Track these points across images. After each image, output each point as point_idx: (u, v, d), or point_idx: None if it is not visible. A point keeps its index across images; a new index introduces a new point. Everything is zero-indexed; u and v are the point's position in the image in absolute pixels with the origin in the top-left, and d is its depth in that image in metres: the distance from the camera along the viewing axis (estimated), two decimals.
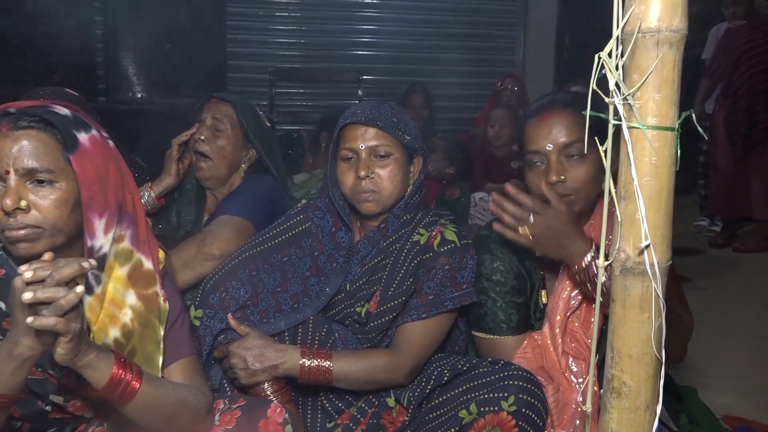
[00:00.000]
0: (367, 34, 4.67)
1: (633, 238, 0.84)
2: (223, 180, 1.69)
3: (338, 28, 4.61)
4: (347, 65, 4.57)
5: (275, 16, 4.52)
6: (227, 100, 1.67)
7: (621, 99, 0.82)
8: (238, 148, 1.67)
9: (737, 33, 3.90)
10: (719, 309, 2.95)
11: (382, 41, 4.67)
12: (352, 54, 4.62)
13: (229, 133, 1.65)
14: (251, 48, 4.48)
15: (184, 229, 1.63)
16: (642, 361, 0.87)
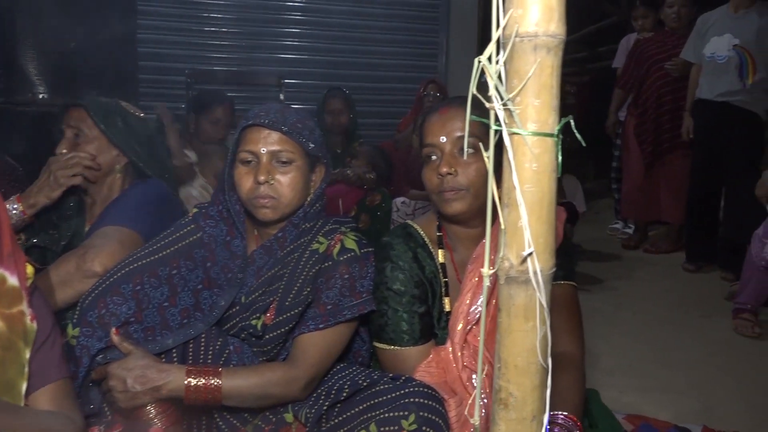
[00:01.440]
0: (289, 37, 4.59)
1: (516, 246, 0.83)
2: (99, 187, 1.57)
3: (260, 30, 4.50)
4: (269, 68, 4.47)
5: (191, 16, 4.36)
6: (80, 105, 1.55)
7: (501, 104, 0.80)
8: (104, 152, 1.56)
9: (646, 45, 4.09)
10: (629, 309, 3.06)
11: (305, 45, 4.60)
12: (274, 57, 4.53)
13: (90, 139, 1.54)
14: (166, 49, 4.30)
15: (64, 240, 1.50)
16: (528, 371, 0.85)
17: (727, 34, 3.48)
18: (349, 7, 4.60)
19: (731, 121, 3.45)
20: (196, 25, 4.39)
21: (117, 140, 1.55)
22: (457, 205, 1.26)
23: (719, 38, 3.51)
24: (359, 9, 4.65)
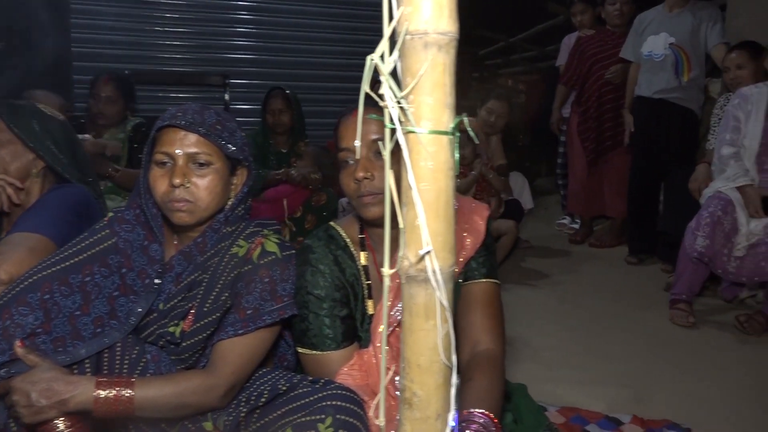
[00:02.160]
0: (235, 37, 4.52)
1: (414, 245, 0.82)
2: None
3: (204, 30, 4.43)
4: (213, 68, 4.39)
5: (130, 14, 4.25)
6: None
7: (395, 103, 0.80)
8: (19, 156, 1.51)
9: (588, 43, 4.17)
10: (572, 303, 3.12)
11: (250, 44, 4.54)
12: (218, 57, 4.46)
13: (3, 143, 1.49)
14: (101, 48, 4.18)
15: None
16: (430, 370, 0.85)
17: (663, 33, 3.58)
18: (295, 6, 4.56)
19: (668, 118, 3.55)
20: (135, 24, 4.28)
21: (32, 143, 1.49)
22: (376, 210, 1.24)
23: (656, 37, 3.61)
24: (305, 8, 4.62)
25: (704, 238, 2.72)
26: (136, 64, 4.20)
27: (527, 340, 2.60)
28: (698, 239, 2.73)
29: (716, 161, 3.00)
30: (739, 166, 2.86)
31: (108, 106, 2.95)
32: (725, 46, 3.39)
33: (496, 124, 3.91)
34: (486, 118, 3.90)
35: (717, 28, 3.50)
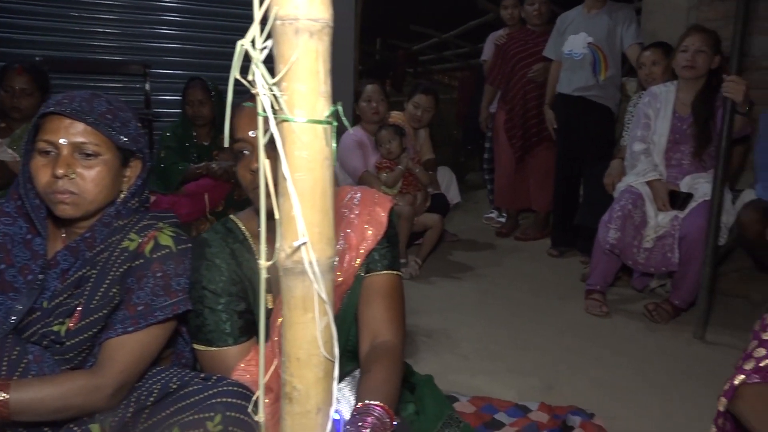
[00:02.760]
0: (157, 24, 4.35)
1: (291, 236, 0.81)
2: None
3: (123, 16, 4.24)
4: (134, 57, 4.22)
5: None
6: None
7: (266, 90, 0.77)
8: None
9: (511, 42, 4.27)
10: (494, 295, 3.18)
11: (173, 32, 4.39)
12: (139, 45, 4.28)
13: None
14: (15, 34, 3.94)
15: None
16: (309, 363, 0.83)
17: (582, 33, 3.70)
18: None
19: (587, 115, 3.68)
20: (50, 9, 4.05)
21: None
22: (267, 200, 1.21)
23: (576, 36, 3.73)
24: None
25: (616, 230, 2.83)
26: (50, 51, 3.98)
27: (448, 332, 2.63)
28: (610, 232, 2.84)
29: (628, 157, 3.13)
30: (649, 162, 2.99)
31: (23, 100, 2.79)
32: (639, 46, 3.53)
33: (423, 118, 3.94)
34: (413, 112, 3.92)
35: (632, 29, 3.64)
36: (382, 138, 3.59)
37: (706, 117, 2.90)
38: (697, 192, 2.84)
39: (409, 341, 2.51)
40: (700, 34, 2.94)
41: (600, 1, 3.67)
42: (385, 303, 1.29)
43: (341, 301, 1.31)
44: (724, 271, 3.22)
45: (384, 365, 1.19)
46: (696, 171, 2.95)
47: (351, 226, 1.33)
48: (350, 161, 3.63)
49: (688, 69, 2.91)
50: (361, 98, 3.73)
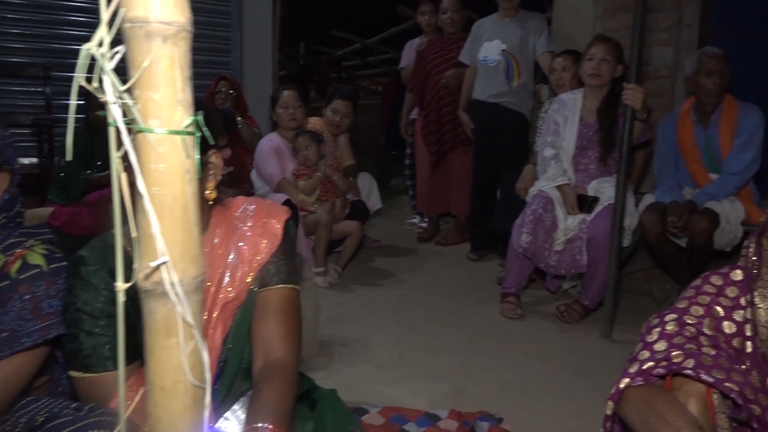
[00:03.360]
0: (58, 25, 4.10)
1: (149, 256, 0.75)
2: None
3: (23, 16, 3.98)
4: (34, 59, 3.97)
5: None
6: None
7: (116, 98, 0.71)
8: None
9: (427, 49, 4.31)
10: (413, 300, 3.18)
11: (76, 33, 4.16)
12: (39, 46, 4.03)
13: None
14: None
15: None
16: (175, 392, 0.78)
17: (497, 40, 3.78)
18: None
19: (501, 121, 3.76)
20: None
21: None
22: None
23: (490, 43, 3.80)
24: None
25: (528, 234, 2.89)
26: None
27: (365, 340, 2.60)
28: (522, 236, 2.90)
29: (540, 162, 3.22)
30: (559, 167, 3.08)
31: None
32: (551, 54, 3.64)
33: (341, 123, 3.91)
34: (331, 118, 3.89)
35: (544, 38, 3.75)
36: (299, 145, 3.53)
37: (610, 123, 3.01)
38: (603, 196, 2.95)
39: (324, 352, 2.47)
40: (604, 43, 3.05)
41: (513, 9, 3.76)
42: (280, 318, 1.25)
43: (233, 317, 1.25)
44: (630, 270, 3.37)
45: (276, 384, 1.14)
46: (602, 175, 3.06)
47: (243, 238, 1.27)
48: (267, 168, 3.55)
49: (593, 77, 3.02)
50: (278, 104, 3.66)
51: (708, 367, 1.03)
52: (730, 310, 1.18)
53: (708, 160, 2.99)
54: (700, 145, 2.99)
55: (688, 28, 3.72)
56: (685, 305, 1.20)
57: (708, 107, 2.93)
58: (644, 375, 1.10)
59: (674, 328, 1.16)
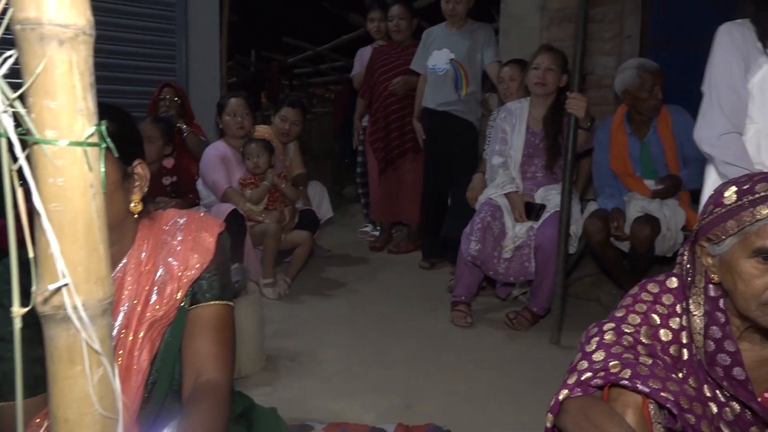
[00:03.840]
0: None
1: (49, 278, 0.69)
2: None
3: None
4: None
5: None
6: None
7: (6, 106, 0.65)
8: None
9: (377, 56, 4.30)
10: (363, 311, 3.14)
11: None
12: None
13: None
14: None
15: None
16: (81, 424, 0.72)
17: (445, 49, 3.80)
18: None
19: (451, 129, 3.77)
20: None
21: None
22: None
23: (439, 52, 3.82)
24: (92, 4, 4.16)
25: (476, 242, 2.90)
26: None
27: (313, 353, 2.55)
28: (471, 244, 2.90)
29: (488, 170, 3.23)
30: (507, 175, 3.10)
31: None
32: (498, 64, 3.68)
33: (290, 131, 3.86)
34: (280, 126, 3.83)
35: (491, 48, 3.79)
36: (251, 152, 3.45)
37: (556, 131, 3.05)
38: (549, 203, 2.98)
39: (271, 367, 2.40)
40: (549, 53, 3.10)
41: (460, 20, 3.78)
42: (211, 337, 1.19)
43: (162, 337, 1.19)
44: (578, 276, 3.42)
45: (207, 406, 1.08)
46: (549, 183, 3.09)
47: (173, 253, 1.21)
48: (212, 177, 3.46)
49: (539, 86, 3.06)
50: (225, 112, 3.58)
51: (644, 377, 1.03)
52: (666, 318, 1.18)
53: (645, 168, 3.06)
54: (634, 155, 3.06)
55: (629, 39, 3.81)
56: (623, 314, 1.20)
57: (645, 118, 3.01)
58: (582, 386, 1.09)
59: (612, 337, 1.15)
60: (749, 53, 1.73)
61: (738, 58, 1.73)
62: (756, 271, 1.05)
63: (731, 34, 1.75)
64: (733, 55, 1.74)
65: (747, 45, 1.73)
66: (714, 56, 1.80)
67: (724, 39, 1.76)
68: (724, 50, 1.75)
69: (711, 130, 1.76)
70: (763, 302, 1.05)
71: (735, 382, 1.10)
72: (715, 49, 1.80)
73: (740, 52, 1.72)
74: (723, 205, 1.09)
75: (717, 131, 1.74)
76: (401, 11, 4.15)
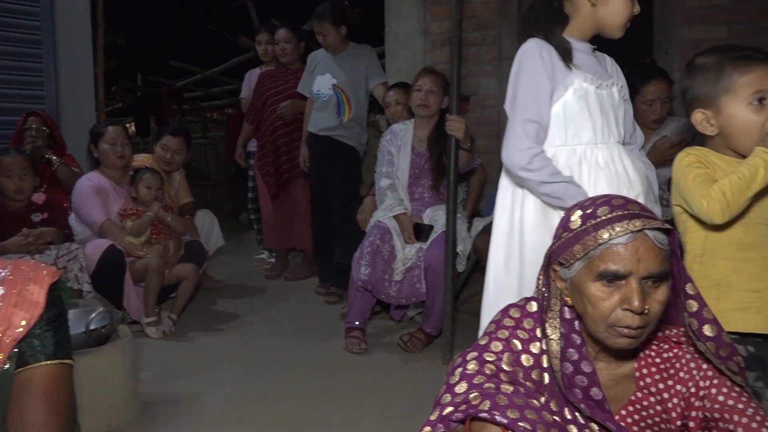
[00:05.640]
0: None
1: None
2: None
3: None
4: None
5: None
6: None
7: None
8: None
9: (265, 79, 4.23)
10: (255, 344, 3.01)
11: None
12: None
13: None
14: None
15: None
16: None
17: (328, 74, 3.78)
18: None
19: (334, 154, 3.75)
20: None
21: None
22: None
23: (322, 77, 3.79)
24: None
25: (366, 266, 2.87)
26: None
27: (197, 396, 2.39)
28: (362, 268, 2.87)
29: (377, 193, 3.22)
30: (395, 197, 3.11)
31: None
32: (384, 86, 3.70)
33: (174, 160, 3.69)
34: (161, 155, 3.65)
35: (375, 70, 3.81)
36: (145, 181, 3.26)
37: (440, 152, 3.09)
38: (437, 223, 3.01)
39: (147, 416, 2.23)
40: (431, 75, 3.15)
41: (342, 45, 3.77)
42: (42, 402, 1.06)
43: None
44: (471, 293, 3.46)
45: None
46: (436, 203, 3.12)
47: None
48: (87, 210, 3.22)
49: (421, 107, 3.10)
50: (103, 140, 3.35)
51: (503, 407, 1.02)
52: (527, 343, 1.18)
53: None
54: None
55: (508, 61, 3.96)
56: (486, 341, 1.19)
57: None
58: (444, 421, 1.06)
59: (475, 367, 1.14)
60: (555, 73, 1.70)
61: (545, 79, 1.68)
62: (602, 294, 1.07)
63: (540, 54, 1.69)
64: (540, 75, 1.68)
65: (554, 64, 1.70)
66: (520, 75, 1.73)
67: (532, 58, 1.70)
68: (531, 71, 1.70)
69: (521, 154, 1.68)
70: (610, 324, 1.07)
71: (592, 403, 1.11)
72: (521, 67, 1.73)
73: (547, 72, 1.68)
74: (570, 229, 1.11)
75: (527, 155, 1.67)
76: (287, 35, 4.09)
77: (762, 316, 1.44)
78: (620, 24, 1.72)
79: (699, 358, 1.12)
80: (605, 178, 1.73)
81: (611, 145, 1.76)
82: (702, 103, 1.49)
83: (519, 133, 1.71)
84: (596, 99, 1.73)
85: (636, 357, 1.18)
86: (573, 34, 1.75)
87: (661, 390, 1.14)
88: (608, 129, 1.76)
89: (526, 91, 1.71)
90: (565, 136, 1.74)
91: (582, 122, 1.73)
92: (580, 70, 1.72)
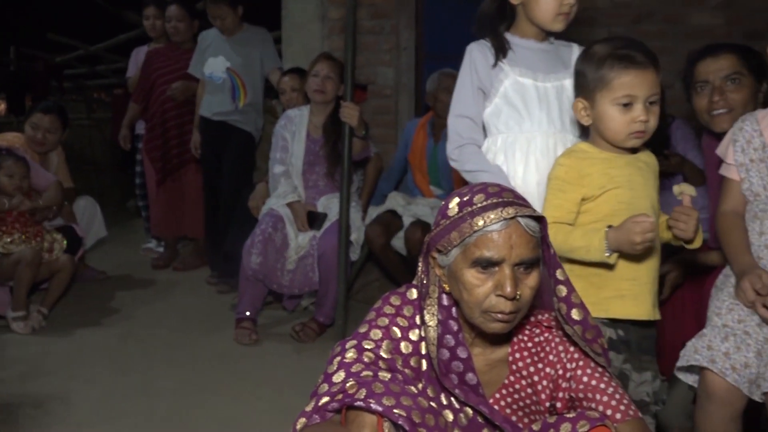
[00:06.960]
0: None
1: None
2: None
3: None
4: None
5: None
6: None
7: None
8: None
9: (154, 57, 3.99)
10: (137, 338, 2.85)
11: None
12: None
13: None
14: None
15: None
16: None
17: (221, 56, 3.62)
18: None
19: (228, 139, 3.60)
20: None
21: None
22: None
23: (215, 59, 3.63)
24: None
25: (258, 255, 2.79)
26: None
27: (65, 396, 2.22)
28: (252, 257, 2.79)
29: (271, 179, 3.14)
30: (289, 184, 3.04)
31: None
32: (280, 71, 3.60)
33: (47, 140, 3.40)
34: (32, 135, 3.35)
35: (271, 54, 3.70)
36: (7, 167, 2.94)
37: (335, 139, 3.05)
38: (331, 211, 2.97)
39: (6, 419, 2.04)
40: (328, 61, 3.10)
41: (231, 28, 3.61)
42: None
43: None
44: (365, 282, 3.47)
45: None
46: (331, 191, 3.08)
47: None
48: None
49: (318, 93, 3.04)
50: None
51: (378, 395, 1.00)
52: (406, 330, 1.18)
53: (431, 173, 3.21)
54: (428, 157, 3.20)
55: (406, 50, 3.99)
56: (366, 329, 1.17)
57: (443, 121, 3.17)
58: (320, 412, 1.04)
59: (353, 355, 1.12)
60: (488, 72, 1.81)
61: (474, 79, 1.81)
62: (477, 281, 1.08)
63: (471, 55, 1.83)
64: (469, 76, 1.82)
65: (487, 64, 1.81)
66: (460, 75, 1.87)
67: (466, 60, 1.84)
68: (465, 71, 1.84)
69: (450, 146, 1.84)
70: (485, 309, 1.09)
71: (467, 388, 1.12)
72: (461, 67, 1.87)
73: (478, 73, 1.81)
74: (447, 216, 1.12)
75: (454, 146, 1.83)
76: (179, 13, 3.85)
77: (639, 302, 1.53)
78: (549, 18, 1.76)
79: (567, 341, 1.17)
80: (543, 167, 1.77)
81: (551, 134, 1.81)
82: (584, 92, 1.56)
83: (451, 127, 1.85)
84: (535, 91, 1.79)
85: (510, 342, 1.21)
86: (517, 33, 1.84)
87: (531, 373, 1.18)
88: (548, 120, 1.80)
89: (459, 89, 1.85)
90: (505, 126, 1.82)
91: (519, 113, 1.80)
92: (516, 66, 1.80)
